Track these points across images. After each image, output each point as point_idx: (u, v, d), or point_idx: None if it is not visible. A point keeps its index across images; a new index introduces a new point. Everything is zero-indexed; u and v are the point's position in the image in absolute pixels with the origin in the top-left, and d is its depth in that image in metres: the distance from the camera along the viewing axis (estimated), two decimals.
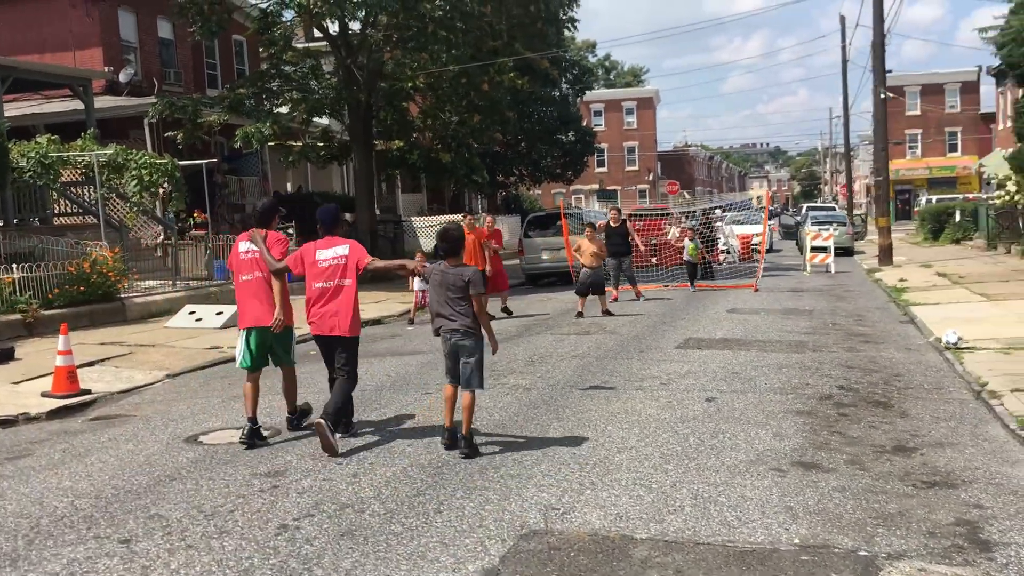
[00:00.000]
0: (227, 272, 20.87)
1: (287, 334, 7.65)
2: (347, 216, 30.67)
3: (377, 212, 35.52)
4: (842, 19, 55.08)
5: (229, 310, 15.73)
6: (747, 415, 7.84)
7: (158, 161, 20.42)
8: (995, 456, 6.44)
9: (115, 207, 20.40)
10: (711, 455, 6.59)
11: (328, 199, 31.04)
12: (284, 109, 25.11)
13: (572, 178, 47.15)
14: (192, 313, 15.81)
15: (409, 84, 25.10)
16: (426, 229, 35.79)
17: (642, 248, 19.87)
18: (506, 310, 16.25)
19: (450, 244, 6.97)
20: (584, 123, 49.12)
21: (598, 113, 77.85)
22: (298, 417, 7.88)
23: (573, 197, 70.95)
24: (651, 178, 79.41)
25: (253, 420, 7.37)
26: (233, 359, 9.16)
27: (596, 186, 72.67)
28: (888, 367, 10.10)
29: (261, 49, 27.81)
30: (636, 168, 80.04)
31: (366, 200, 26.20)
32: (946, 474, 6.03)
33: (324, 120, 28.69)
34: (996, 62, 48.05)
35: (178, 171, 20.80)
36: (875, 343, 11.93)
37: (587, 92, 48.54)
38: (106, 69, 25.29)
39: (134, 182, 19.94)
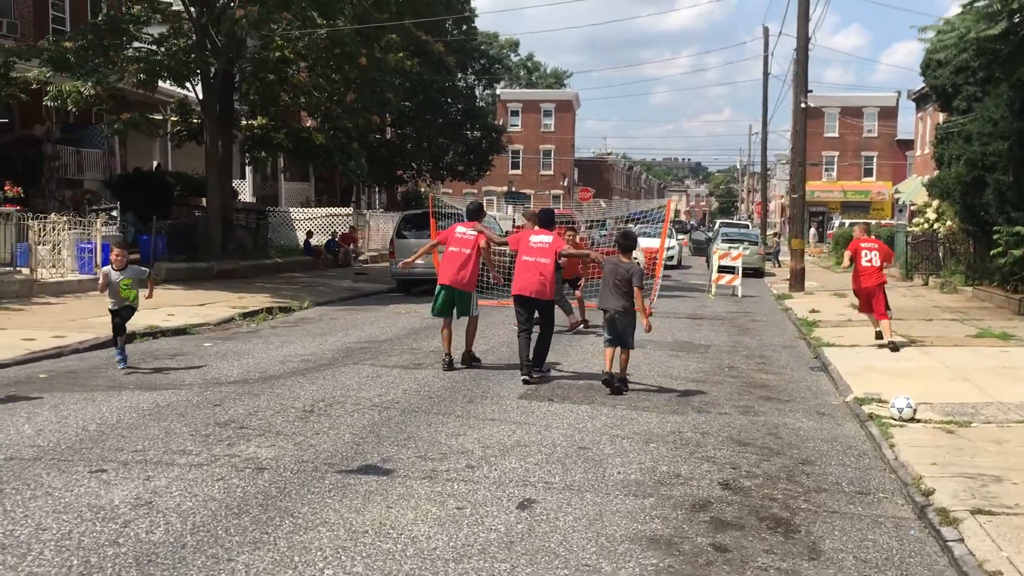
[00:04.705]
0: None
1: (470, 294, 10.23)
2: (203, 200, 27.02)
3: (253, 200, 31.89)
4: (765, 30, 53.64)
5: None
6: (570, 543, 4.88)
7: None
8: None
9: None
10: None
11: (183, 180, 27.36)
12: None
13: (476, 176, 44.07)
14: None
15: (277, 54, 21.73)
16: (304, 222, 32.13)
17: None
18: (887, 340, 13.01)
19: (629, 243, 9.33)
20: (494, 120, 46.16)
21: (515, 113, 74.94)
22: (469, 360, 10.40)
23: (484, 199, 68.05)
24: (566, 183, 76.90)
25: (448, 355, 10.16)
26: None
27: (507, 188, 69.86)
28: (794, 445, 7.32)
29: None
30: (551, 172, 77.39)
31: (218, 183, 22.63)
32: None
33: (185, 91, 25.00)
34: (916, 86, 47.11)
35: None
36: (779, 401, 9.19)
37: (505, 90, 45.81)
38: None
39: None
